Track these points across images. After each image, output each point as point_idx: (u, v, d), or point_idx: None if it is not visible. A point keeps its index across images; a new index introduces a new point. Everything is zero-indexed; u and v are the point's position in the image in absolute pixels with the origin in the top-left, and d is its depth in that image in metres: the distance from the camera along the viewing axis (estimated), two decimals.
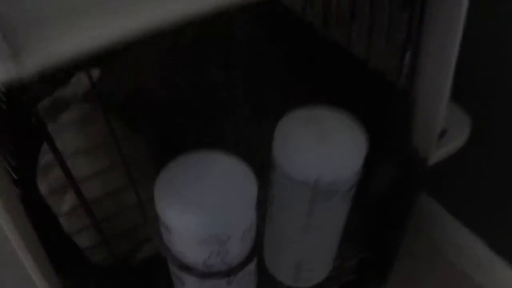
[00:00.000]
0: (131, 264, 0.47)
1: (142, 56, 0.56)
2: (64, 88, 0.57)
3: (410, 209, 0.63)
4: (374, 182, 0.59)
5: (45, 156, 0.48)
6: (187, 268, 0.36)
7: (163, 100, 0.59)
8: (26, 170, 0.47)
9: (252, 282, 0.43)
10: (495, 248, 0.78)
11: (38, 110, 0.54)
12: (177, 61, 0.61)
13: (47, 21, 0.26)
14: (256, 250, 0.38)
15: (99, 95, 0.46)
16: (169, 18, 0.27)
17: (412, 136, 0.57)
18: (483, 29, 0.65)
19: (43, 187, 0.47)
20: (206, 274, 0.36)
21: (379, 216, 0.65)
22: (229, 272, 0.37)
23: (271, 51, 0.61)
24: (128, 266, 0.47)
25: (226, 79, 0.55)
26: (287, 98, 0.52)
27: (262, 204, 0.41)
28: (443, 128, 0.59)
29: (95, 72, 0.65)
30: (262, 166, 0.40)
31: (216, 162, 0.37)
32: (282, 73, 0.58)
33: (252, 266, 0.39)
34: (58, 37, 0.25)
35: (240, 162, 0.37)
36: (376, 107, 0.55)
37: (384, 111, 0.56)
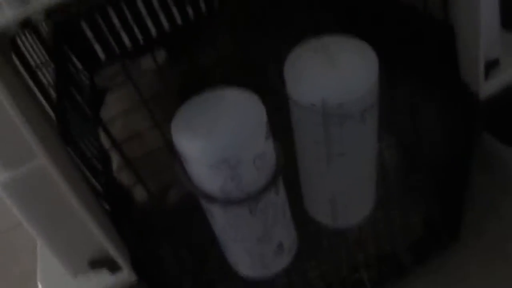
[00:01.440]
0: (168, 202, 0.51)
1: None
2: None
3: (470, 149, 0.59)
4: (423, 121, 0.57)
5: None
6: (208, 197, 0.38)
7: None
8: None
9: (282, 217, 0.44)
10: None
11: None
12: None
13: None
14: (275, 180, 0.40)
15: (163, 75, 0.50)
16: None
17: (459, 69, 0.54)
18: None
19: None
20: (226, 202, 0.38)
21: (440, 162, 0.62)
22: (248, 200, 0.38)
23: None
24: (164, 205, 0.50)
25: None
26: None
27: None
28: (494, 58, 0.55)
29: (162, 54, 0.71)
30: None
31: (228, 96, 0.38)
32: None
33: (273, 196, 0.40)
34: None
35: (249, 93, 0.38)
36: (415, 40, 0.53)
37: (424, 45, 0.53)
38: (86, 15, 0.83)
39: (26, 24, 0.30)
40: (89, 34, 0.86)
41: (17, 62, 0.36)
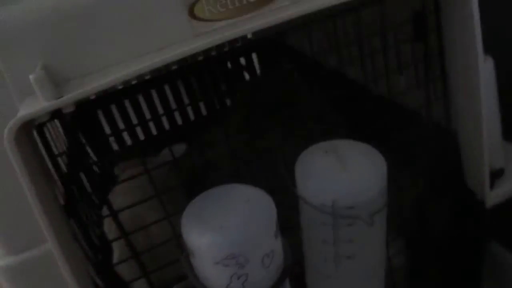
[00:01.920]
0: None
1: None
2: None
3: (478, 258, 0.58)
4: (432, 226, 0.57)
5: None
6: None
7: None
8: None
9: None
10: None
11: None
12: None
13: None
14: (283, 281, 0.39)
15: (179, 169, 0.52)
16: None
17: (464, 177, 0.55)
18: None
19: None
20: None
21: (448, 270, 0.61)
22: None
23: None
24: None
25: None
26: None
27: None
28: (499, 167, 0.56)
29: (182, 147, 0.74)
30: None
31: (239, 192, 0.39)
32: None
33: None
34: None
35: (260, 191, 0.39)
36: (422, 147, 0.55)
37: (431, 152, 0.55)
38: (103, 106, 0.87)
39: (56, 115, 0.32)
40: (104, 124, 0.90)
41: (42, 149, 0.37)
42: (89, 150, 0.75)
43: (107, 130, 0.81)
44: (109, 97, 0.83)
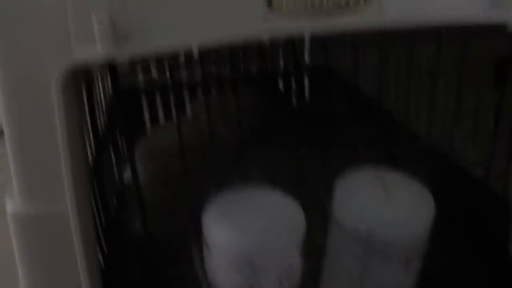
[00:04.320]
0: None
1: None
2: None
3: None
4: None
5: None
6: None
7: None
8: None
9: None
10: None
11: None
12: None
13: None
14: None
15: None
16: None
17: (509, 246, 0.51)
18: None
19: None
20: None
21: None
22: None
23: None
24: None
25: None
26: None
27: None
28: None
29: None
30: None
31: (272, 198, 0.37)
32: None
33: None
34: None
35: (294, 202, 0.36)
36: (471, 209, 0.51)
37: (478, 215, 0.51)
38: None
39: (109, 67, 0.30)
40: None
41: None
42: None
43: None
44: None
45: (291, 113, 1.03)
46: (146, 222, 0.43)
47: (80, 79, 0.35)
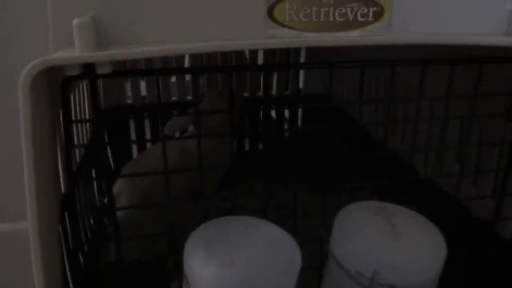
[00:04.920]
0: None
1: None
2: None
3: None
4: None
5: None
6: None
7: None
8: None
9: None
10: None
11: None
12: None
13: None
14: None
15: None
16: None
17: None
18: None
19: None
20: None
21: None
22: None
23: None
24: None
25: None
26: None
27: None
28: None
29: None
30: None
31: (263, 229, 0.33)
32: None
33: None
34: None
35: (289, 236, 0.32)
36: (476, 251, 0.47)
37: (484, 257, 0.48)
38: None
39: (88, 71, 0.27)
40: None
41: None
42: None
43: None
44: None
45: (283, 141, 1.00)
46: (121, 253, 0.39)
47: (55, 85, 0.32)
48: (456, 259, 0.40)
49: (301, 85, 0.97)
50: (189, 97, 0.87)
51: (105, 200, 0.62)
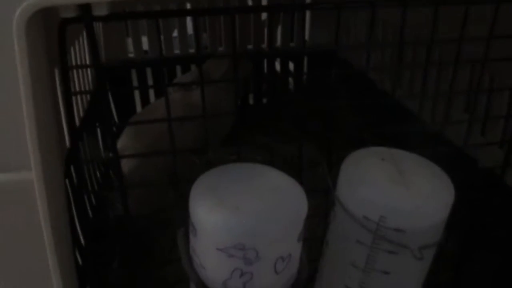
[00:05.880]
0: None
1: None
2: None
3: None
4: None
5: None
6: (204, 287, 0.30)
7: None
8: None
9: None
10: None
11: None
12: None
13: None
14: None
15: None
16: None
17: None
18: None
19: None
20: None
21: None
22: None
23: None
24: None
25: None
26: None
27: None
28: None
29: None
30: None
31: (271, 178, 0.32)
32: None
33: None
34: None
35: (296, 183, 0.32)
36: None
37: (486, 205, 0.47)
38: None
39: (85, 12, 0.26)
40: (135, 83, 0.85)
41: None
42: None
43: None
44: None
45: (288, 95, 0.99)
46: (126, 201, 0.39)
47: (52, 30, 0.31)
48: (461, 209, 0.40)
49: (306, 36, 0.95)
50: (192, 50, 0.85)
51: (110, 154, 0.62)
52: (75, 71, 0.53)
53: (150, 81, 0.85)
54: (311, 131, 0.69)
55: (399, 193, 0.30)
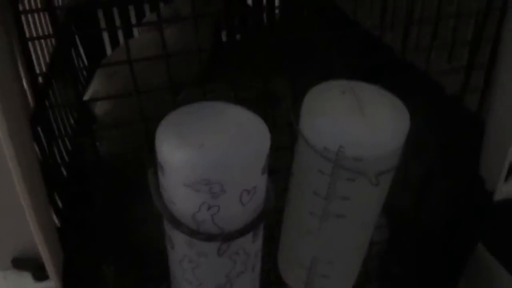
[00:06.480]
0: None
1: None
2: None
3: (467, 251, 0.54)
4: (430, 206, 0.52)
5: None
6: (174, 221, 0.32)
7: None
8: None
9: (251, 270, 0.37)
10: None
11: None
12: None
13: None
14: (258, 223, 0.33)
15: None
16: None
17: (479, 164, 0.50)
18: None
19: None
20: (194, 232, 0.32)
21: (428, 258, 0.57)
22: (220, 238, 0.32)
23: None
24: None
25: None
26: None
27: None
28: None
29: None
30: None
31: (233, 114, 0.33)
32: None
33: (248, 241, 0.34)
34: None
35: (259, 118, 0.33)
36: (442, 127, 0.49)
37: (450, 133, 0.49)
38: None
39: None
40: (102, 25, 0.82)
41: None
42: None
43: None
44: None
45: (260, 29, 0.97)
46: (98, 146, 0.39)
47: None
48: (423, 134, 0.41)
49: None
50: None
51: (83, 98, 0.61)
52: (35, 15, 0.51)
53: (117, 22, 0.82)
54: (284, 66, 0.69)
55: (356, 124, 0.31)
